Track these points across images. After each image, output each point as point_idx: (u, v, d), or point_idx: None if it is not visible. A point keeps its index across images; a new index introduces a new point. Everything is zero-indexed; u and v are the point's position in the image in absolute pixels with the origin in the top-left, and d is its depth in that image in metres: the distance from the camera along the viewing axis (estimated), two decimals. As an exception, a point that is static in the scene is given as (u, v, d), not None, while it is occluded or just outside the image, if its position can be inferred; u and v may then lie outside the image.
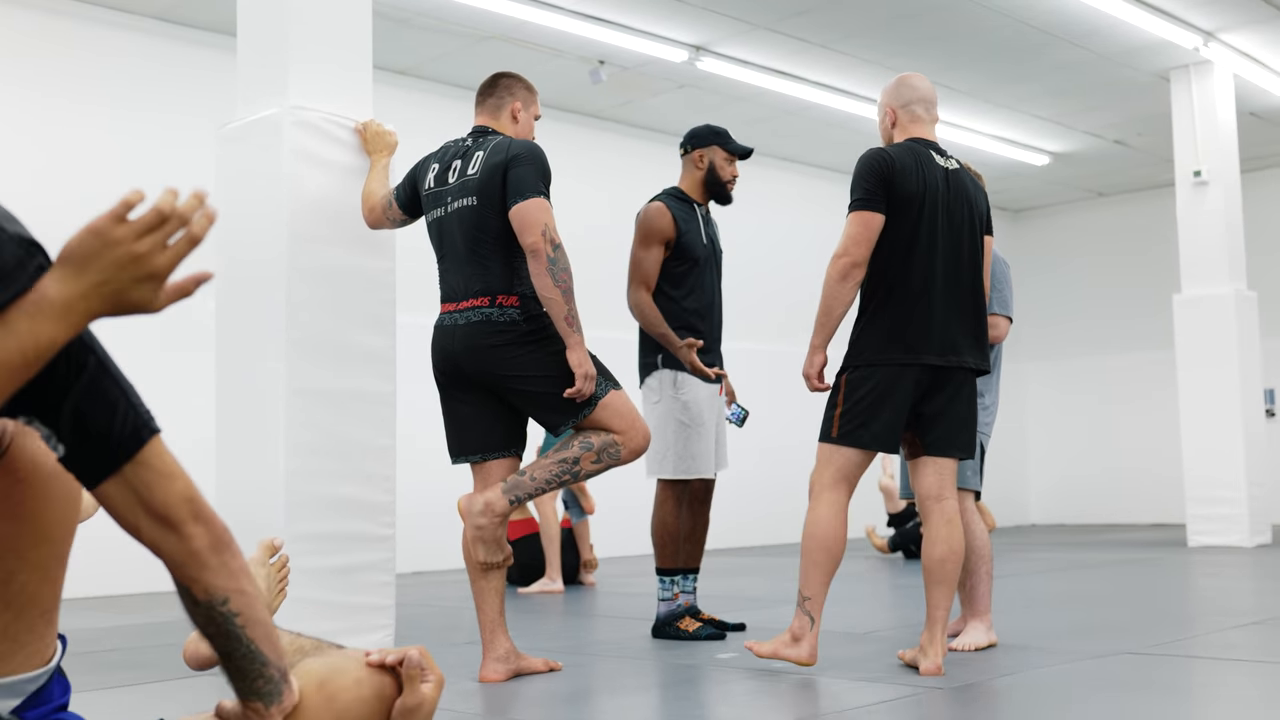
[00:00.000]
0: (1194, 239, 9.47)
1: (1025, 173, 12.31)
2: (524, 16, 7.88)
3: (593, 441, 3.64)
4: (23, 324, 1.30)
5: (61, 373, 1.40)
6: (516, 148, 3.71)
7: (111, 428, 1.43)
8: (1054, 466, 13.62)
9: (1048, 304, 13.40)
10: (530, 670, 3.75)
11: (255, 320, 4.36)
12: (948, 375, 3.64)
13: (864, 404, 3.59)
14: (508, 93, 3.98)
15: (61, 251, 1.33)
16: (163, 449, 1.49)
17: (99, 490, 1.47)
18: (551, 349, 3.66)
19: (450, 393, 3.83)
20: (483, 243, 3.70)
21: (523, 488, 3.64)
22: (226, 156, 4.52)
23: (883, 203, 3.60)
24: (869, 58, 8.96)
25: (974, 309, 3.71)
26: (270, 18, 4.46)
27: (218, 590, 1.53)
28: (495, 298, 3.67)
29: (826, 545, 3.54)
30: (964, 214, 3.71)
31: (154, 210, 1.32)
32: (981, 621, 4.10)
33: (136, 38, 7.71)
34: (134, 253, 1.32)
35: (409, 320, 5.85)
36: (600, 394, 3.65)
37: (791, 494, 10.68)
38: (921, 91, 3.86)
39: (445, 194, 3.82)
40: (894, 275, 3.62)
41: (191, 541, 1.50)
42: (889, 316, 3.62)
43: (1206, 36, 8.80)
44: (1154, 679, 3.48)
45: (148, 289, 1.34)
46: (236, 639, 1.56)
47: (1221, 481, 9.05)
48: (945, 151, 3.77)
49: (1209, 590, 6.25)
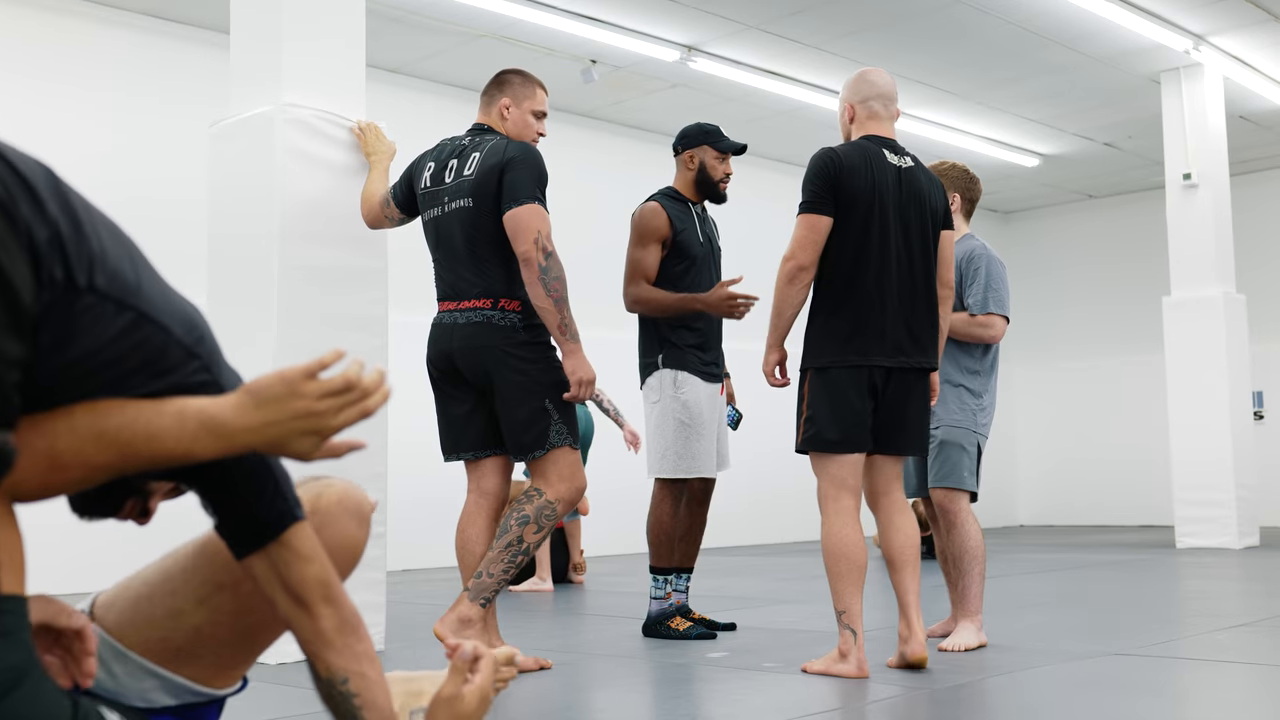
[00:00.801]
0: (1183, 242, 9.50)
1: (1015, 174, 12.34)
2: (516, 15, 7.87)
3: (527, 513, 3.65)
4: (191, 427, 1.39)
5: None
6: (513, 150, 3.70)
7: (259, 509, 1.56)
8: (1043, 468, 13.65)
9: (1037, 305, 13.43)
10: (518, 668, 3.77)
11: (246, 317, 4.35)
12: (900, 376, 3.65)
13: (824, 409, 3.59)
14: (498, 89, 3.97)
15: (248, 384, 1.43)
16: (306, 534, 1.60)
17: (244, 561, 1.58)
18: (545, 364, 3.69)
19: (444, 390, 3.84)
20: (480, 245, 3.70)
21: (486, 587, 3.65)
22: (218, 153, 4.51)
23: (830, 205, 3.60)
24: (861, 59, 8.96)
25: (926, 309, 3.70)
26: (263, 14, 4.44)
27: (339, 669, 1.64)
28: (498, 301, 3.68)
29: (846, 555, 3.53)
30: (916, 213, 3.69)
31: (343, 377, 1.44)
32: (972, 622, 4.11)
33: (129, 34, 7.68)
34: (313, 410, 1.43)
35: (401, 319, 5.85)
36: (556, 443, 3.68)
37: (782, 495, 10.72)
38: (880, 87, 3.82)
39: (441, 193, 3.82)
40: (844, 276, 3.62)
41: (320, 621, 1.61)
42: (840, 317, 3.62)
43: (1197, 40, 8.83)
44: (1143, 680, 3.49)
45: (309, 442, 1.45)
46: (351, 717, 1.66)
47: (1210, 484, 9.08)
48: (900, 149, 3.74)
49: (1197, 592, 6.27)
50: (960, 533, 4.15)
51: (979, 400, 4.27)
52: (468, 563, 3.79)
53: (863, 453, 3.63)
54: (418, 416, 8.22)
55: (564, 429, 3.69)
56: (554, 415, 3.67)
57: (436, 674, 1.89)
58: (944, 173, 4.49)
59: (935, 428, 4.22)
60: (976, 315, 4.25)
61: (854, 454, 3.61)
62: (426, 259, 3.95)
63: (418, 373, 3.93)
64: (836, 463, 3.60)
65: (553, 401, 3.68)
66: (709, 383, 4.57)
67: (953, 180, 4.48)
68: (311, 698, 3.40)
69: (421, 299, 8.70)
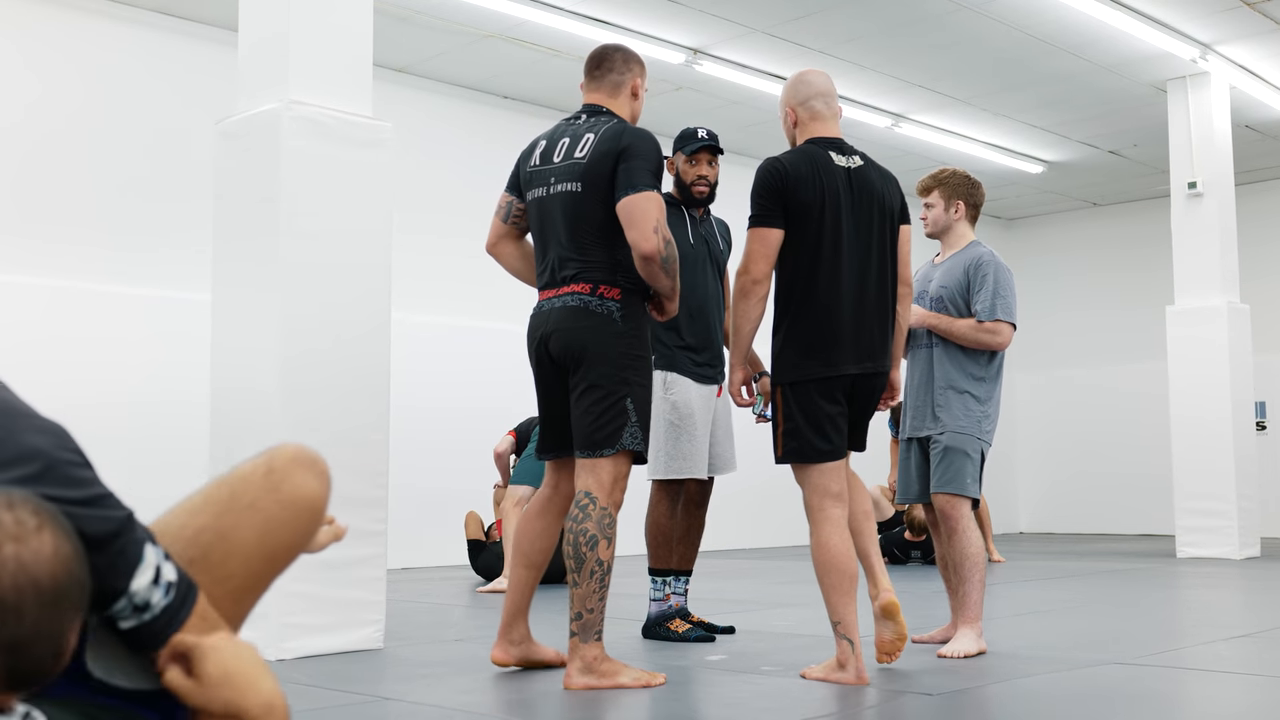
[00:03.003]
0: (1188, 251, 9.49)
1: (1020, 181, 12.33)
2: (523, 16, 7.88)
3: (592, 532, 3.47)
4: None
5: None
6: (629, 137, 3.55)
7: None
8: (1044, 475, 13.64)
9: (1039, 313, 13.42)
10: (540, 660, 3.81)
11: (250, 314, 4.35)
12: (868, 381, 3.64)
13: (802, 421, 3.57)
14: (627, 68, 3.78)
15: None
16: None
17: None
18: (637, 363, 3.57)
19: (544, 385, 3.71)
20: (585, 232, 3.57)
21: (593, 624, 3.50)
22: (225, 151, 4.52)
23: (779, 216, 3.56)
24: (866, 64, 8.97)
25: (884, 311, 3.67)
26: (271, 13, 4.45)
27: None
28: (598, 287, 3.55)
29: (837, 566, 3.51)
30: (870, 213, 3.64)
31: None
32: (972, 629, 4.10)
33: (137, 31, 7.69)
34: None
35: (403, 317, 5.85)
36: (628, 445, 3.52)
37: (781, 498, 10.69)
38: (818, 86, 3.76)
39: (549, 173, 3.67)
40: (801, 286, 3.59)
41: None
42: (802, 328, 3.59)
43: (1204, 49, 8.82)
44: (1143, 690, 3.49)
45: None
46: None
47: (1211, 494, 9.07)
48: (848, 148, 3.70)
49: (1198, 602, 6.26)
50: (961, 539, 4.14)
51: (984, 407, 4.26)
52: (523, 551, 3.76)
53: (844, 458, 3.62)
54: (419, 415, 8.24)
55: (639, 433, 3.55)
56: (632, 416, 3.53)
57: None
58: (945, 180, 4.47)
59: (940, 433, 4.21)
60: (984, 322, 4.24)
61: (837, 461, 3.59)
62: (431, 259, 3.93)
63: (420, 372, 3.92)
64: (820, 471, 3.57)
65: (635, 402, 3.53)
66: (701, 384, 4.55)
67: (954, 187, 4.46)
68: (313, 693, 3.40)
69: (424, 298, 8.72)
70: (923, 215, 4.50)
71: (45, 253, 7.14)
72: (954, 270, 4.35)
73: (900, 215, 3.77)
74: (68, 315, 7.10)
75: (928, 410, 4.27)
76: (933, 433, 4.24)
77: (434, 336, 8.39)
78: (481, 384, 8.64)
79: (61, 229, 7.21)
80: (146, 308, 7.36)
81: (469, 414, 8.50)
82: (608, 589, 3.52)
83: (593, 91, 3.79)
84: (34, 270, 7.05)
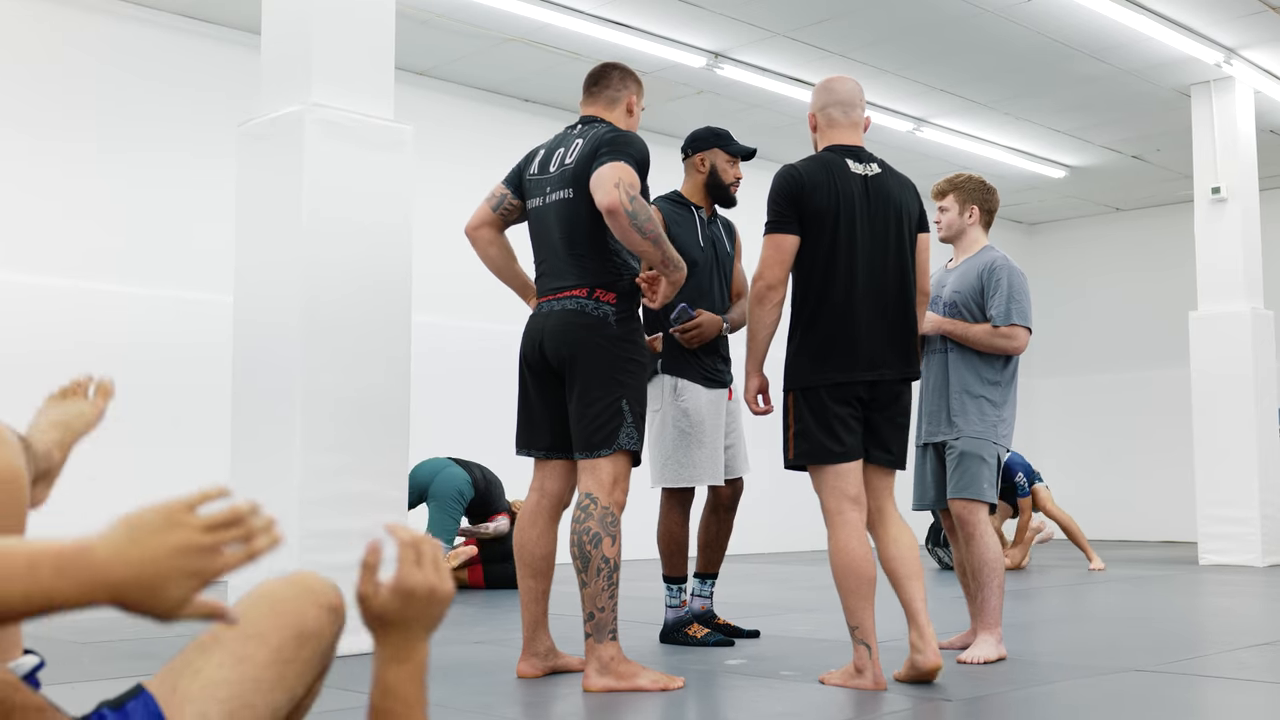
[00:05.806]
0: (1211, 256, 9.43)
1: (1042, 186, 12.28)
2: (545, 19, 7.90)
3: (595, 530, 3.51)
4: (48, 565, 1.21)
5: None
6: (612, 133, 3.62)
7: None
8: (1065, 482, 13.54)
9: (1061, 318, 13.36)
10: (566, 668, 3.81)
11: (272, 316, 4.37)
12: (883, 388, 3.62)
13: (811, 424, 3.56)
14: (624, 85, 3.90)
15: (122, 517, 1.25)
16: None
17: None
18: (631, 365, 3.60)
19: (529, 385, 3.76)
20: (579, 240, 3.63)
21: (606, 622, 3.52)
22: (247, 153, 4.54)
23: (794, 223, 3.58)
24: (887, 67, 8.95)
25: (902, 318, 3.66)
26: (294, 16, 4.47)
27: None
28: (594, 291, 3.60)
29: (854, 570, 3.50)
30: (886, 220, 3.64)
31: (230, 510, 1.26)
32: (991, 635, 4.08)
33: (160, 34, 7.74)
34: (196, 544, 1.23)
35: (423, 320, 5.86)
36: (625, 445, 3.57)
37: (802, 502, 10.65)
38: (839, 94, 3.76)
39: (545, 183, 3.76)
40: (817, 292, 3.59)
41: None
42: (816, 335, 3.59)
43: (1228, 53, 8.77)
44: (1164, 697, 3.46)
45: (188, 586, 1.24)
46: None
47: (1234, 501, 9.00)
48: (865, 155, 3.69)
49: (1220, 609, 6.22)
50: (979, 544, 4.12)
51: (999, 411, 4.25)
52: (525, 560, 3.79)
53: (859, 459, 3.60)
54: (439, 416, 8.26)
55: (635, 434, 3.60)
56: (628, 417, 3.57)
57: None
58: (960, 185, 4.46)
59: (955, 438, 4.20)
60: (1000, 327, 4.22)
61: (851, 462, 3.58)
62: (451, 261, 3.95)
63: (437, 373, 3.93)
64: (835, 473, 3.56)
65: (630, 403, 3.58)
66: (711, 388, 4.54)
67: (969, 192, 4.45)
68: (329, 695, 3.40)
69: (444, 300, 8.74)
70: (936, 219, 4.49)
71: (65, 253, 7.18)
72: (968, 275, 4.34)
73: (919, 223, 3.77)
74: (87, 316, 7.14)
75: (943, 415, 4.26)
76: (948, 438, 4.22)
77: (456, 338, 8.54)
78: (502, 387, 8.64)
79: (89, 227, 7.24)
80: (167, 309, 7.40)
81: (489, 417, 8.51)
82: (617, 587, 3.53)
83: (589, 106, 3.90)
84: (53, 271, 7.09)
